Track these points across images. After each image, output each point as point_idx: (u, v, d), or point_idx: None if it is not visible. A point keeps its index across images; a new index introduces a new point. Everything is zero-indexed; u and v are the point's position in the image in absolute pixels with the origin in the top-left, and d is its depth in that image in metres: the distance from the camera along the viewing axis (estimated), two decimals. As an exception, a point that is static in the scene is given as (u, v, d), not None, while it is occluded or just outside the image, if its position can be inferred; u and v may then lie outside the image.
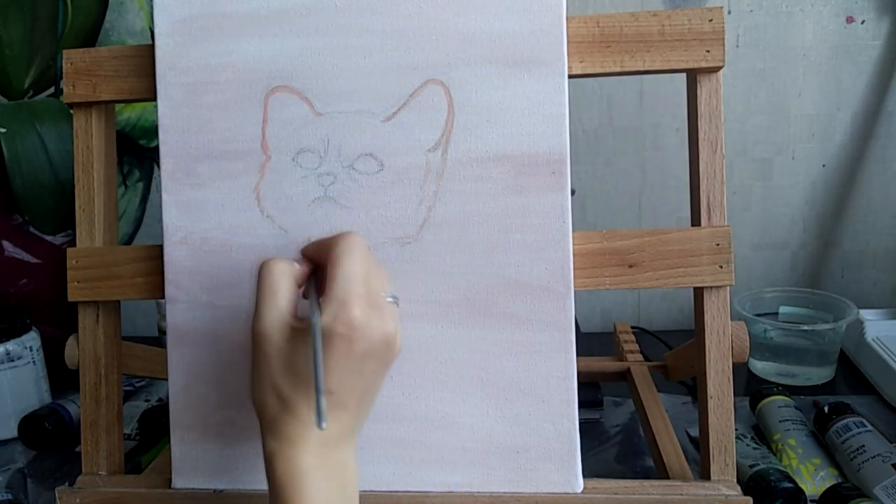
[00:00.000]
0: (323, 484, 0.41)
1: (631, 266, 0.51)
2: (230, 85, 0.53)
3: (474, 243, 0.51)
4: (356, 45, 0.51)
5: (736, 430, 0.56)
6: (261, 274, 0.44)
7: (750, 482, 0.60)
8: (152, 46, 0.54)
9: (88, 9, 0.99)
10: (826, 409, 0.70)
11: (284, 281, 0.44)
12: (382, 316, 0.42)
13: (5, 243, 0.84)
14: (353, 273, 0.42)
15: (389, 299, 0.44)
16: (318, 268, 0.46)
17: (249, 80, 0.52)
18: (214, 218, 0.53)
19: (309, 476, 0.40)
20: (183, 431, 0.54)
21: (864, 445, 0.64)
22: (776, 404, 0.72)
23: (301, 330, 0.42)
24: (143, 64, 0.55)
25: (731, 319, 0.52)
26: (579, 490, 0.51)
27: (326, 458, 0.42)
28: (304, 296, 0.46)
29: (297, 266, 0.45)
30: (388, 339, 0.42)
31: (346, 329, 0.40)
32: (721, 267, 0.51)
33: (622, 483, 0.51)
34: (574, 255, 0.50)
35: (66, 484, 0.55)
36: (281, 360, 0.42)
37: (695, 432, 0.71)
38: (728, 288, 0.51)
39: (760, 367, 0.86)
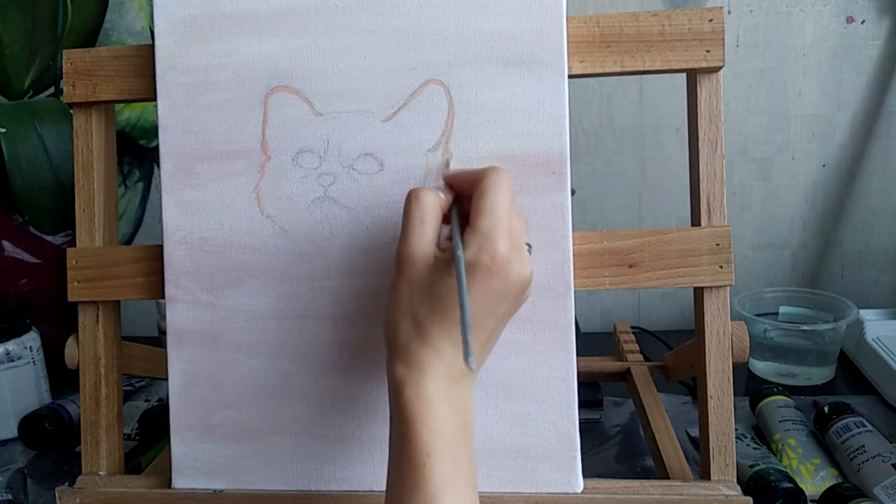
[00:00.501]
0: (449, 415, 0.41)
1: (631, 266, 0.51)
2: (230, 85, 0.53)
3: (474, 243, 0.51)
4: (356, 45, 0.51)
5: (736, 430, 0.56)
6: (410, 202, 0.44)
7: (750, 482, 0.60)
8: (152, 46, 0.54)
9: (88, 9, 0.99)
10: (826, 409, 0.70)
11: (433, 210, 0.44)
12: (522, 256, 0.42)
13: (5, 243, 0.84)
14: (501, 208, 0.42)
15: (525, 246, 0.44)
16: (458, 197, 0.46)
17: (249, 79, 0.52)
18: (214, 218, 0.53)
19: (437, 405, 0.41)
20: (183, 431, 0.54)
21: (864, 445, 0.64)
22: (776, 404, 0.72)
23: (444, 260, 0.42)
24: (143, 64, 0.55)
25: (731, 319, 0.52)
26: (579, 490, 0.51)
27: (453, 391, 0.42)
28: (446, 221, 0.46)
29: (442, 196, 0.45)
30: (525, 281, 0.42)
31: (490, 262, 0.40)
32: (721, 267, 0.51)
33: (622, 483, 0.51)
34: (574, 255, 0.50)
35: (66, 484, 0.55)
36: (422, 287, 0.42)
37: (695, 432, 0.71)
38: (728, 288, 0.51)
39: (760, 367, 0.86)
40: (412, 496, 0.39)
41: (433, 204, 0.44)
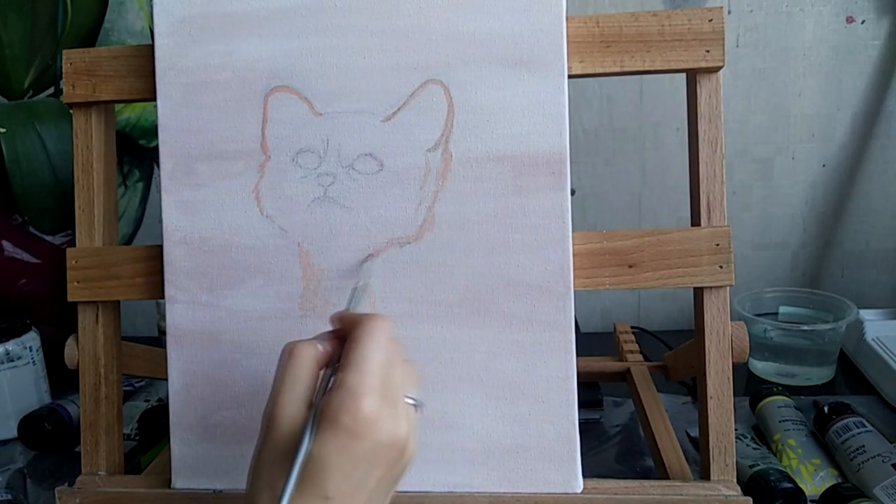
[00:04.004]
0: None
1: (631, 266, 0.51)
2: (230, 85, 0.53)
3: (474, 243, 0.51)
4: (356, 45, 0.51)
5: (736, 430, 0.56)
6: (286, 357, 0.40)
7: (750, 482, 0.60)
8: (152, 46, 0.54)
9: (88, 9, 0.99)
10: (826, 409, 0.70)
11: (308, 367, 0.39)
12: (397, 414, 0.37)
13: (5, 243, 0.84)
14: (371, 360, 0.38)
15: (410, 401, 0.39)
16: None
17: (249, 79, 0.52)
18: (214, 218, 0.53)
19: None
20: (183, 431, 0.54)
21: (864, 445, 0.64)
22: (776, 404, 0.72)
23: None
24: (142, 64, 0.55)
25: (731, 319, 0.52)
26: (579, 490, 0.51)
27: None
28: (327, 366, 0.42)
29: (320, 349, 0.41)
30: (398, 442, 0.37)
31: (351, 422, 0.36)
32: (721, 267, 0.51)
33: (622, 483, 0.51)
34: (574, 255, 0.50)
35: (66, 484, 0.55)
36: (285, 452, 0.37)
37: (695, 432, 0.71)
38: (728, 288, 0.51)
39: (760, 367, 0.86)
40: None
41: (309, 359, 0.39)
